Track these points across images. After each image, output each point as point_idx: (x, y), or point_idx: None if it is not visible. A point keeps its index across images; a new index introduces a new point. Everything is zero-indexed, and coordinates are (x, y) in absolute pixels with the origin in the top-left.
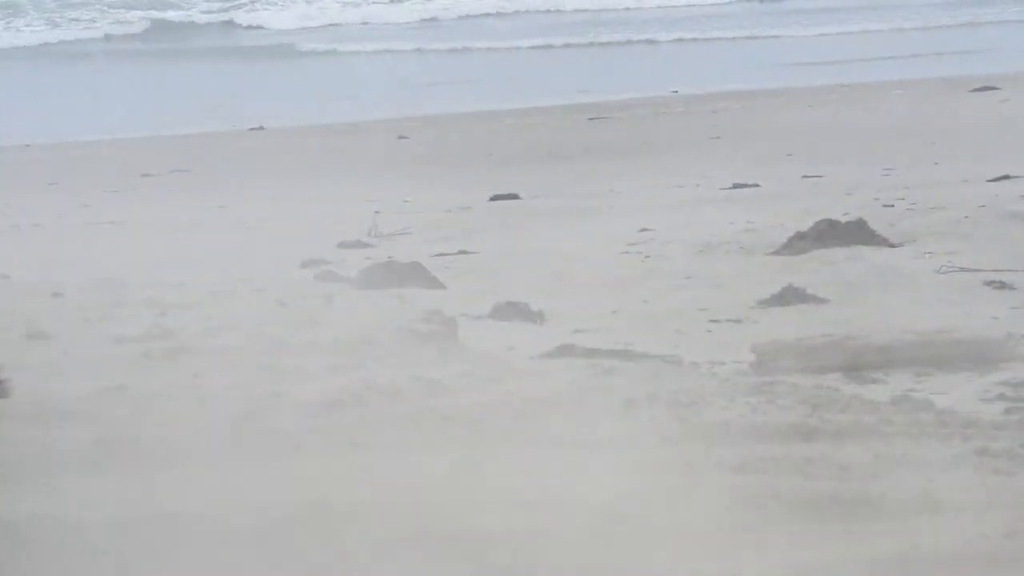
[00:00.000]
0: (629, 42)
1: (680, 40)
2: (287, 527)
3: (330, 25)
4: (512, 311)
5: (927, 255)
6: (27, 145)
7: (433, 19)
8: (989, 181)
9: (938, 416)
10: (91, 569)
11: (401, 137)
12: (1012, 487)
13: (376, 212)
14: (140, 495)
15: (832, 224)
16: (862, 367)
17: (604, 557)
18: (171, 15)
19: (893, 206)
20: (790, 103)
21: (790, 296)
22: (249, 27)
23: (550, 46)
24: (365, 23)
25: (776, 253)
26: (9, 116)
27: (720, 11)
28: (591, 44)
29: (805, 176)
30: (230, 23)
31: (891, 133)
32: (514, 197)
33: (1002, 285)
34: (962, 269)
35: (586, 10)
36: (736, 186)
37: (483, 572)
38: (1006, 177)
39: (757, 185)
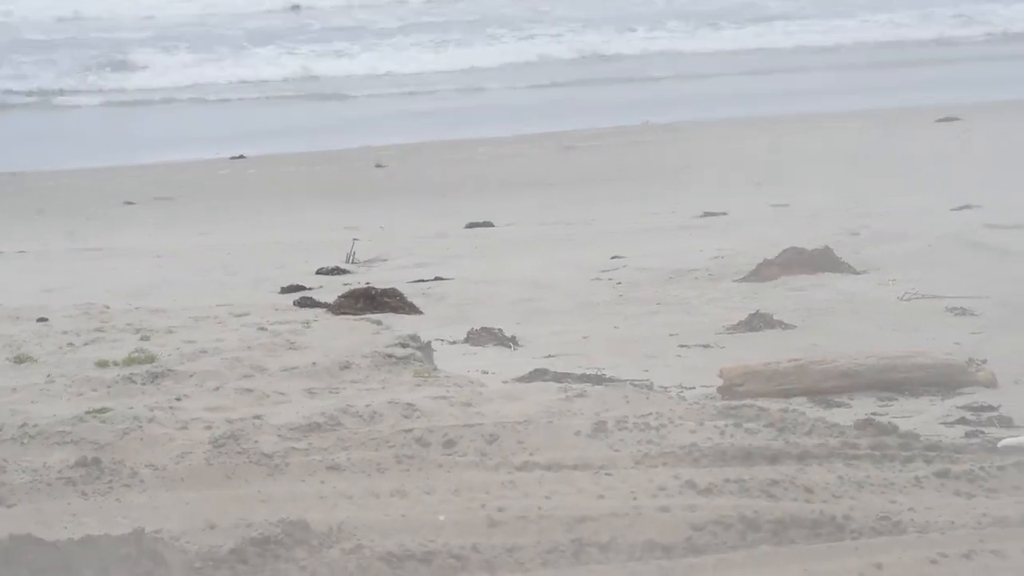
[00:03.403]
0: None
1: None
2: (267, 547)
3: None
4: (486, 336)
5: (891, 282)
6: (14, 174)
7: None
8: (951, 210)
9: (901, 439)
10: None
11: (378, 166)
12: (972, 509)
13: (354, 239)
14: (122, 515)
15: (798, 252)
16: (827, 391)
17: (572, 574)
18: None
19: (858, 234)
20: (759, 133)
21: (757, 322)
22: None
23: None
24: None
25: (744, 280)
26: None
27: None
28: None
29: (772, 205)
30: None
31: (857, 162)
32: (489, 225)
33: (963, 311)
34: (925, 296)
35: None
36: (705, 214)
37: None
38: (967, 207)
39: (725, 213)
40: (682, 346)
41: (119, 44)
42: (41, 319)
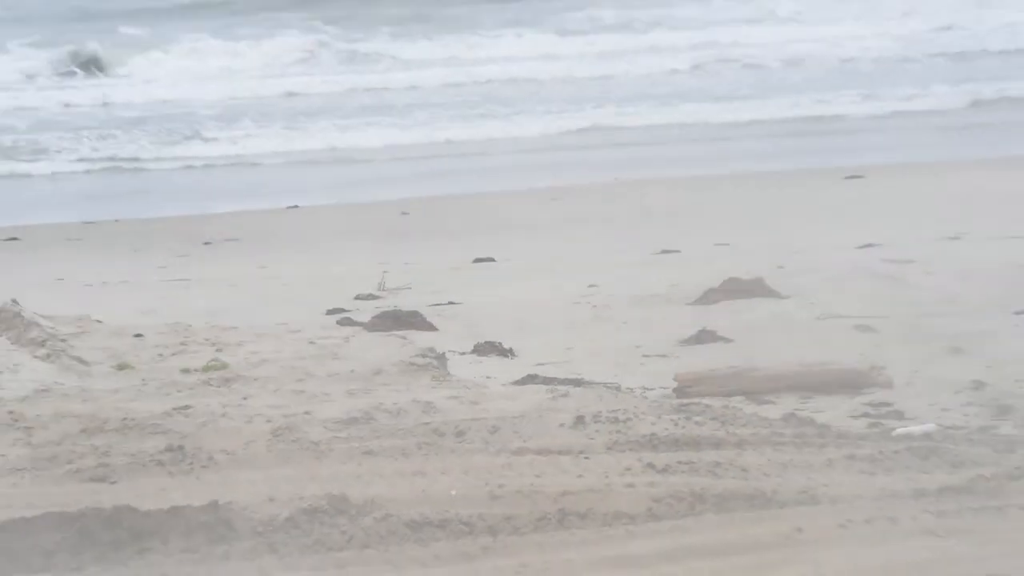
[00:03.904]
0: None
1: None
2: (315, 515)
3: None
4: (489, 348)
5: (810, 305)
6: (116, 221)
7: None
8: (857, 248)
9: (817, 429)
10: (165, 546)
11: (403, 214)
12: (873, 484)
13: (384, 271)
14: (201, 490)
15: (737, 281)
16: (759, 392)
17: (558, 536)
18: None
19: (784, 267)
20: (705, 188)
21: (704, 337)
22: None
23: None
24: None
25: (694, 303)
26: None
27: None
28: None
29: (716, 244)
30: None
31: (782, 211)
32: (491, 260)
33: (867, 328)
34: (836, 316)
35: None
36: (663, 251)
37: (468, 550)
38: (870, 245)
39: (679, 251)
40: (645, 356)
41: (195, 119)
42: (137, 335)
